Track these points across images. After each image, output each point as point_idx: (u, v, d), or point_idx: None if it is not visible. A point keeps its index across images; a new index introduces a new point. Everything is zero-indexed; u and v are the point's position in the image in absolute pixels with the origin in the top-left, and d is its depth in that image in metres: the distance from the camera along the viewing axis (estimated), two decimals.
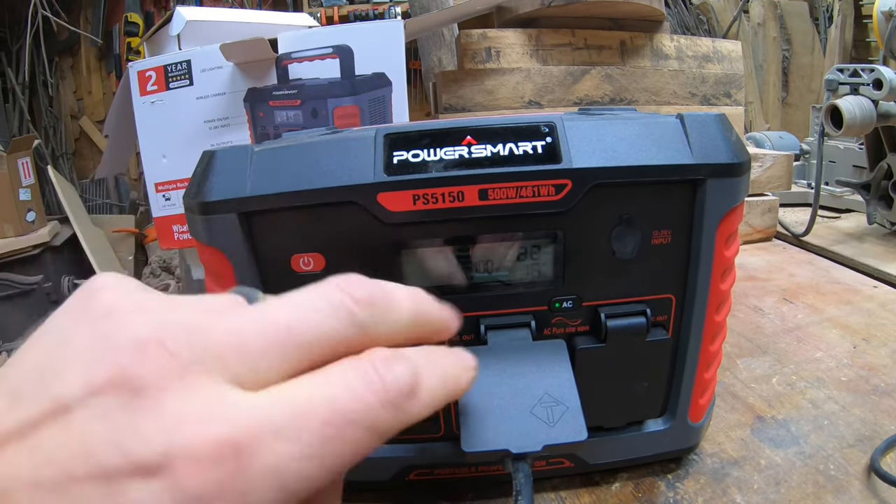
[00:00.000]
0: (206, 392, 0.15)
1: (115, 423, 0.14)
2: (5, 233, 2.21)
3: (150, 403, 0.15)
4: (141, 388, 0.15)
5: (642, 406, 0.33)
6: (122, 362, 0.15)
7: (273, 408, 0.15)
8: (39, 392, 0.15)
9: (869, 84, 0.67)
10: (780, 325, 0.54)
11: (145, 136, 0.64)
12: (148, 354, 0.15)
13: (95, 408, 0.14)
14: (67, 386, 0.15)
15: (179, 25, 0.65)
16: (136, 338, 0.15)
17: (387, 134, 0.27)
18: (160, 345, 0.15)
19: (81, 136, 3.10)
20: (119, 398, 0.15)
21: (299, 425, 0.15)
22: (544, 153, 0.26)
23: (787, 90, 3.00)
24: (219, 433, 0.14)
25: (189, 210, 0.28)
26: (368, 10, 2.84)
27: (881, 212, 0.76)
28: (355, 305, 0.18)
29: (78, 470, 0.14)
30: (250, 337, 0.16)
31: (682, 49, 0.80)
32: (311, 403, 0.16)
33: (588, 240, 0.28)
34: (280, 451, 0.15)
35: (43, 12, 2.52)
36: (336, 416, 0.16)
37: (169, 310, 0.17)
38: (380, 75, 0.60)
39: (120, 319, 0.16)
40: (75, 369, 0.15)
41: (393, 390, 0.17)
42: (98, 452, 0.14)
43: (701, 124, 0.28)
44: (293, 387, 0.16)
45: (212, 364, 0.16)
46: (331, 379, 0.17)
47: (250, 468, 0.14)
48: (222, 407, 0.15)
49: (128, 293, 0.18)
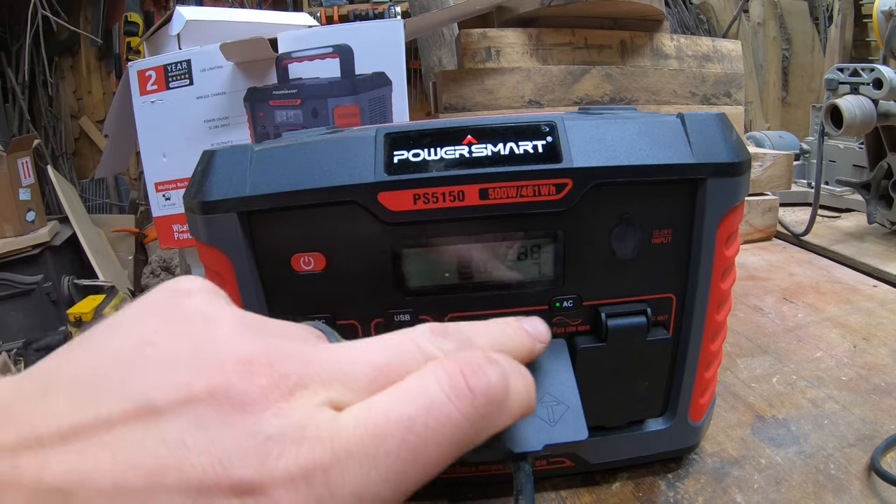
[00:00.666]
0: (304, 414, 0.15)
1: (214, 436, 0.14)
2: (5, 232, 2.21)
3: (251, 420, 0.14)
4: (244, 404, 0.14)
5: (643, 405, 0.33)
6: (227, 376, 0.15)
7: (356, 429, 0.15)
8: (121, 390, 0.14)
9: (869, 83, 0.67)
10: (781, 325, 0.54)
11: (145, 136, 0.64)
12: (256, 372, 0.15)
13: (191, 416, 0.14)
14: (159, 390, 0.14)
15: (179, 25, 0.65)
16: (246, 354, 0.15)
17: (387, 133, 0.27)
18: (269, 365, 0.15)
19: (81, 136, 3.09)
20: (218, 410, 0.14)
21: (377, 448, 0.15)
22: (545, 152, 0.26)
23: (787, 90, 3.00)
24: (311, 456, 0.14)
25: (189, 209, 0.28)
26: (368, 10, 2.83)
27: (881, 211, 0.76)
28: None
29: (170, 478, 0.13)
30: (355, 368, 0.16)
31: (682, 48, 0.80)
32: (389, 424, 0.15)
33: (588, 239, 0.28)
34: (361, 475, 0.14)
35: (43, 12, 2.52)
36: (413, 436, 0.15)
37: (268, 330, 0.17)
38: (380, 75, 0.60)
39: (222, 332, 0.16)
40: (170, 374, 0.15)
41: (481, 398, 0.16)
42: (195, 463, 0.13)
43: (701, 123, 0.28)
44: (375, 404, 0.16)
45: (315, 388, 0.16)
46: (411, 393, 0.16)
47: (336, 492, 0.14)
48: (317, 430, 0.15)
49: (220, 304, 0.17)
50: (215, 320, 0.16)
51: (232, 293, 0.28)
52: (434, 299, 0.29)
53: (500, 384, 0.17)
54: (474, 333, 0.19)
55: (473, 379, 0.16)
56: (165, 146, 0.64)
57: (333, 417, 0.15)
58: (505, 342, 0.20)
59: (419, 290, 0.29)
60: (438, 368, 0.16)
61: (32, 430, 0.14)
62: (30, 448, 0.13)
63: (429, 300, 0.29)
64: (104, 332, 0.16)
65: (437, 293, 0.29)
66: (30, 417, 0.14)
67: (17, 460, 0.13)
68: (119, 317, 0.17)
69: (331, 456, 0.14)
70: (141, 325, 0.16)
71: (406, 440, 0.15)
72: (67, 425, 0.14)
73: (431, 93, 0.85)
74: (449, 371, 0.16)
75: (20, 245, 2.24)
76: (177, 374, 0.15)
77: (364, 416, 0.15)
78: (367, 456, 0.15)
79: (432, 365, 0.17)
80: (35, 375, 0.15)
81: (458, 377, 0.16)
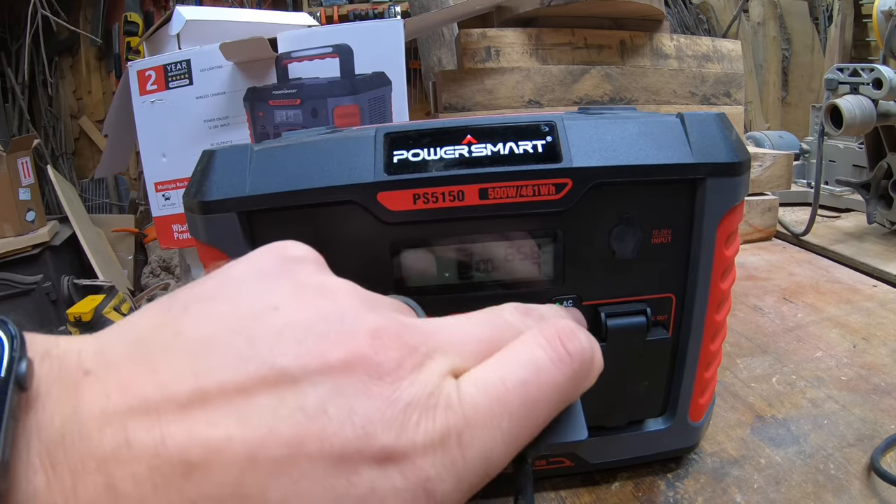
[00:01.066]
0: (435, 382, 0.15)
1: (354, 405, 0.14)
2: (5, 232, 2.21)
3: (388, 390, 0.14)
4: (381, 374, 0.15)
5: (642, 405, 0.33)
6: (361, 347, 0.15)
7: (481, 395, 0.16)
8: (251, 356, 0.14)
9: (869, 83, 0.67)
10: (780, 325, 0.54)
11: (145, 136, 0.64)
12: (388, 344, 0.15)
13: (330, 385, 0.14)
14: (293, 357, 0.14)
15: (179, 25, 0.65)
16: (374, 326, 0.15)
17: (387, 133, 0.27)
18: (398, 336, 0.16)
19: (81, 136, 3.09)
20: (356, 380, 0.14)
21: (500, 411, 0.16)
22: (544, 152, 0.26)
23: (787, 89, 3.00)
24: (446, 422, 0.15)
25: (189, 209, 0.28)
26: (368, 10, 2.83)
27: (881, 211, 0.76)
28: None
29: (310, 447, 0.13)
30: (466, 339, 0.17)
31: (682, 48, 0.80)
32: (507, 388, 0.16)
33: (588, 239, 0.28)
34: (487, 437, 0.15)
35: (42, 12, 2.52)
36: (529, 398, 0.16)
37: (380, 304, 0.17)
38: (379, 74, 0.60)
39: (345, 303, 0.16)
40: (302, 342, 0.14)
41: (577, 361, 0.18)
42: (337, 431, 0.13)
43: (701, 123, 0.28)
44: (488, 371, 0.16)
45: (439, 358, 0.16)
46: (520, 358, 0.17)
47: (468, 454, 0.15)
48: (447, 397, 0.15)
49: (329, 273, 0.18)
50: (333, 290, 0.16)
51: None
52: (434, 299, 0.29)
53: (589, 347, 0.18)
54: (546, 311, 0.21)
55: (570, 344, 0.18)
56: (165, 146, 0.64)
57: (457, 385, 0.16)
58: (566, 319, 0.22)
59: (419, 289, 0.29)
60: (539, 336, 0.18)
61: (141, 398, 0.13)
62: (141, 416, 0.12)
63: (428, 300, 0.29)
64: (207, 293, 0.16)
65: (436, 293, 0.29)
66: (135, 384, 0.13)
67: (127, 431, 0.12)
68: (222, 278, 0.16)
69: (462, 421, 0.15)
70: (256, 290, 0.16)
71: (523, 403, 0.16)
72: (187, 392, 0.13)
73: (431, 93, 0.85)
74: (549, 337, 0.18)
75: (20, 245, 2.24)
76: (309, 343, 0.14)
77: (483, 382, 0.16)
78: (492, 419, 0.15)
79: (532, 333, 0.18)
80: (124, 338, 0.14)
81: (558, 343, 0.18)
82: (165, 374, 0.13)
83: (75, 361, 0.13)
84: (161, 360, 0.13)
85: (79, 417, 0.12)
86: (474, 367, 0.17)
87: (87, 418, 0.12)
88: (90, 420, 0.12)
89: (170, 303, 0.15)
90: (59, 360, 0.13)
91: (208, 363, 0.13)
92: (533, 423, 0.16)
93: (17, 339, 0.12)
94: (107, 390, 0.13)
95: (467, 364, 0.17)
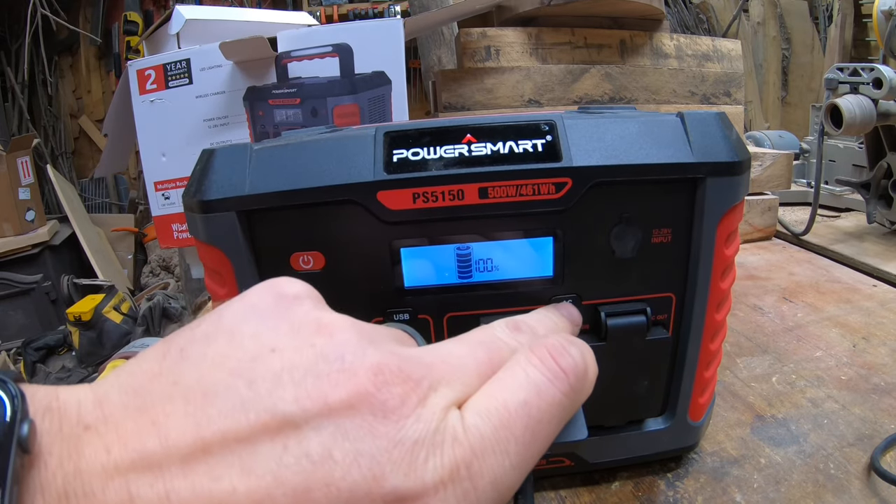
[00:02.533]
0: (440, 416, 0.15)
1: (360, 447, 0.13)
2: (4, 232, 2.21)
3: (394, 429, 0.14)
4: (386, 412, 0.14)
5: (642, 405, 0.33)
6: (363, 385, 0.14)
7: (486, 423, 0.15)
8: (251, 402, 0.13)
9: (869, 83, 0.67)
10: (780, 324, 0.54)
11: (144, 135, 0.64)
12: (389, 381, 0.15)
13: (334, 428, 0.13)
14: (293, 401, 0.14)
15: (179, 24, 0.65)
16: (375, 362, 0.15)
17: (386, 132, 0.27)
18: (400, 371, 0.15)
19: (81, 136, 3.09)
20: (360, 421, 0.14)
21: (506, 436, 0.16)
22: (544, 151, 0.26)
23: (787, 89, 3.00)
24: (454, 456, 0.14)
25: (188, 208, 0.28)
26: (368, 9, 2.83)
27: (881, 211, 0.76)
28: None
29: (318, 493, 0.13)
30: (465, 365, 0.17)
31: (682, 48, 0.80)
32: (510, 413, 0.16)
33: (588, 238, 0.28)
34: (496, 464, 0.15)
35: (42, 11, 2.52)
36: (532, 420, 0.16)
37: (379, 336, 0.17)
38: (379, 74, 0.60)
39: (343, 340, 0.16)
40: (301, 384, 0.14)
41: (572, 376, 0.18)
42: (345, 476, 0.13)
43: (701, 123, 0.28)
44: (489, 397, 0.16)
45: (442, 389, 0.16)
46: (518, 381, 0.17)
47: (479, 484, 0.15)
48: (453, 430, 0.15)
49: (327, 308, 0.17)
50: (331, 326, 0.16)
51: (231, 292, 0.28)
52: (433, 298, 0.29)
53: (581, 360, 0.18)
54: (536, 324, 0.21)
55: (562, 360, 0.18)
56: (165, 145, 0.64)
57: (462, 416, 0.16)
58: (557, 330, 0.23)
59: (418, 289, 0.29)
60: (532, 356, 0.18)
61: (142, 453, 0.12)
62: (144, 471, 0.12)
63: (428, 299, 0.29)
64: (203, 337, 0.15)
65: (436, 292, 0.29)
66: (136, 438, 0.13)
67: (129, 487, 0.12)
68: (218, 320, 0.16)
69: (470, 452, 0.15)
70: (252, 332, 0.15)
71: (527, 425, 0.16)
72: (188, 444, 0.12)
73: (431, 92, 0.85)
74: (541, 357, 0.18)
75: (19, 244, 2.24)
76: (308, 385, 0.14)
77: (486, 409, 0.16)
78: (499, 445, 0.15)
79: (525, 353, 0.18)
80: (122, 388, 0.14)
81: (550, 361, 0.17)
82: (165, 425, 0.13)
83: (75, 415, 0.13)
84: (160, 410, 0.13)
85: (81, 475, 0.12)
86: (476, 392, 0.17)
87: (90, 475, 0.12)
88: (93, 477, 0.12)
89: (166, 348, 0.15)
90: (59, 414, 0.13)
91: (208, 412, 0.13)
92: (538, 442, 0.16)
93: (18, 399, 0.12)
94: (107, 445, 0.12)
95: (469, 390, 0.17)
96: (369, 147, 0.26)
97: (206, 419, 0.13)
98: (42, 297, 2.29)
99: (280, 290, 0.17)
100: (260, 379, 0.14)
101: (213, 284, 0.29)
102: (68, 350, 2.07)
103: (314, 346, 0.15)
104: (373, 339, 0.16)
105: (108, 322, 2.00)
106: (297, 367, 0.14)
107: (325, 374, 0.14)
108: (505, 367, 0.17)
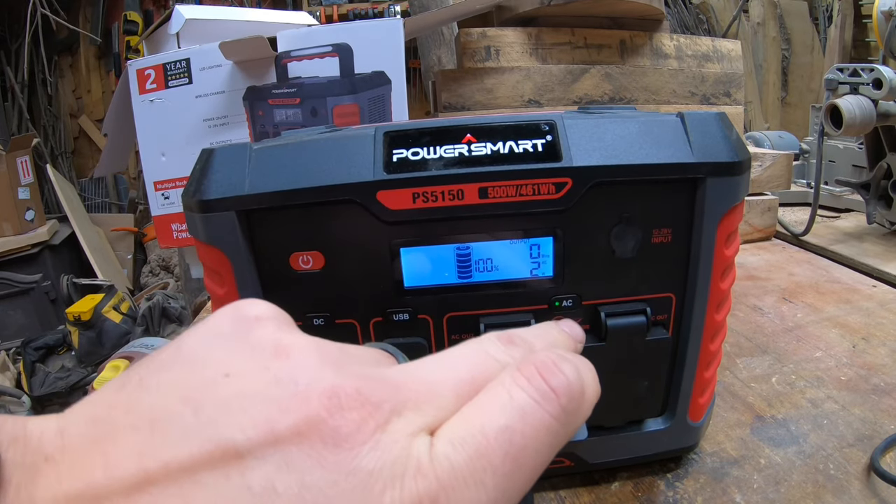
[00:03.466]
0: (402, 444, 0.14)
1: (306, 479, 0.13)
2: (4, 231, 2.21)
3: (345, 458, 0.13)
4: (338, 440, 0.13)
5: (642, 405, 0.33)
6: (314, 410, 0.13)
7: (458, 452, 0.14)
8: (195, 431, 0.13)
9: (869, 83, 0.67)
10: (780, 325, 0.54)
11: (144, 135, 0.64)
12: (345, 405, 0.14)
13: (278, 459, 0.13)
14: (239, 429, 0.13)
15: (178, 24, 0.65)
16: (331, 385, 0.14)
17: (386, 132, 0.27)
18: (358, 394, 0.14)
19: (80, 135, 3.09)
20: (308, 450, 0.13)
21: (482, 466, 0.14)
22: (544, 151, 0.26)
23: (787, 89, 3.00)
24: (416, 488, 0.13)
25: (188, 208, 0.28)
26: (368, 9, 2.83)
27: (881, 211, 0.76)
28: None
29: None
30: (442, 386, 0.16)
31: (682, 48, 0.80)
32: (488, 440, 0.14)
33: (588, 238, 0.28)
34: (469, 498, 0.14)
35: (42, 11, 2.51)
36: (514, 447, 0.15)
37: (346, 357, 0.16)
38: (379, 74, 0.60)
39: (301, 362, 0.15)
40: (249, 411, 0.13)
41: (564, 397, 0.16)
42: None
43: (701, 123, 0.28)
44: (465, 422, 0.15)
45: (409, 414, 0.14)
46: (499, 403, 0.15)
47: None
48: (417, 460, 0.14)
49: (290, 330, 0.16)
50: (290, 349, 0.15)
51: (230, 292, 0.28)
52: (433, 298, 0.29)
53: (576, 379, 0.16)
54: (533, 338, 0.19)
55: (553, 379, 0.16)
56: (164, 145, 0.64)
57: (431, 442, 0.14)
58: (556, 345, 0.20)
59: (418, 289, 0.29)
60: (518, 375, 0.16)
61: (89, 484, 0.12)
62: (88, 502, 0.12)
63: (428, 299, 0.29)
64: (161, 365, 0.15)
65: (436, 292, 0.29)
66: (85, 468, 0.12)
67: None
68: (177, 347, 0.15)
69: (436, 485, 0.13)
70: (208, 357, 0.15)
71: (508, 453, 0.14)
72: (132, 475, 0.12)
73: (431, 92, 0.85)
74: (528, 375, 0.16)
75: (19, 244, 2.24)
76: (256, 412, 0.13)
77: (461, 435, 0.14)
78: (473, 476, 0.14)
79: (510, 372, 0.16)
80: (82, 418, 0.14)
81: (538, 380, 0.16)
82: (114, 455, 0.12)
83: (37, 445, 0.13)
84: (111, 440, 0.13)
85: None
86: (454, 415, 0.15)
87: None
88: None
89: (127, 378, 0.15)
90: (24, 443, 0.13)
91: (153, 441, 0.13)
92: (523, 472, 0.15)
93: None
94: (59, 475, 0.12)
95: (444, 414, 0.15)
96: (369, 147, 0.26)
97: (150, 449, 0.12)
98: (41, 297, 2.29)
99: (241, 312, 0.16)
100: (209, 405, 0.13)
101: (212, 284, 0.29)
102: (68, 350, 2.07)
103: (268, 370, 0.14)
104: (338, 361, 0.15)
105: (108, 322, 2.00)
106: (248, 392, 0.14)
107: (276, 400, 0.13)
108: (487, 387, 0.16)
